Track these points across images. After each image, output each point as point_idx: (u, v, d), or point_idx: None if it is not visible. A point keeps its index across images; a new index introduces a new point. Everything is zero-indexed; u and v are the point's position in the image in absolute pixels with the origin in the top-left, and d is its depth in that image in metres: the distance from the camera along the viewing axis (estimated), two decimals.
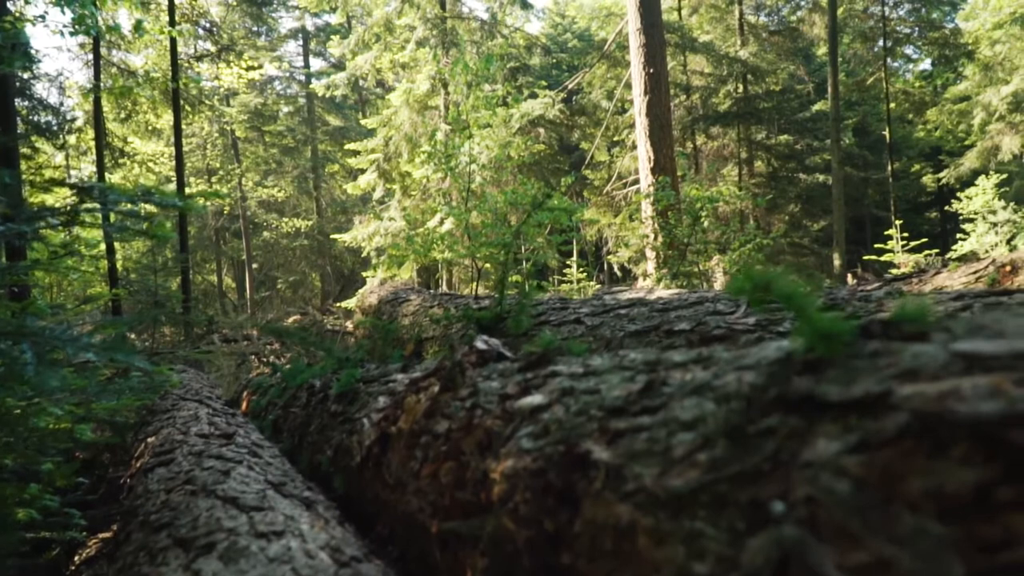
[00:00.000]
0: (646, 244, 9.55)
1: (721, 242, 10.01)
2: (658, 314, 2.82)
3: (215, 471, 2.12)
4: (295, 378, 3.70)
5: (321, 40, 26.83)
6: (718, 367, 0.95)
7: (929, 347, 0.68)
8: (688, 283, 8.10)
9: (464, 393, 1.59)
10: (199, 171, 25.04)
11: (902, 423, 0.60)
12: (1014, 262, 2.67)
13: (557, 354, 1.50)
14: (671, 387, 0.97)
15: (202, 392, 4.66)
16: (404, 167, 16.07)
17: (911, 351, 0.69)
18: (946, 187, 21.16)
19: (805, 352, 0.77)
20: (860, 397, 0.66)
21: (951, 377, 0.61)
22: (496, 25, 18.12)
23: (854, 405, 0.66)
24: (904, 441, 0.59)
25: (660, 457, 0.85)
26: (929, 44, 20.15)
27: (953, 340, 0.67)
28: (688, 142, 19.77)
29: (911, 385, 0.63)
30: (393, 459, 1.80)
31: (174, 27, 12.93)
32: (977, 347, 0.63)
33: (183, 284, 12.74)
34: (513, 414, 1.30)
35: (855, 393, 0.66)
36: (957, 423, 0.56)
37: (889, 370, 0.67)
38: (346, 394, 2.52)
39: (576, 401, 1.14)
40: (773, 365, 0.83)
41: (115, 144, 17.43)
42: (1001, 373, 0.58)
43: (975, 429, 0.55)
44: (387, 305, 6.13)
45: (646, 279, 10.07)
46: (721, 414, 0.81)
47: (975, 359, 0.62)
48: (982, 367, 0.60)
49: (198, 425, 3.19)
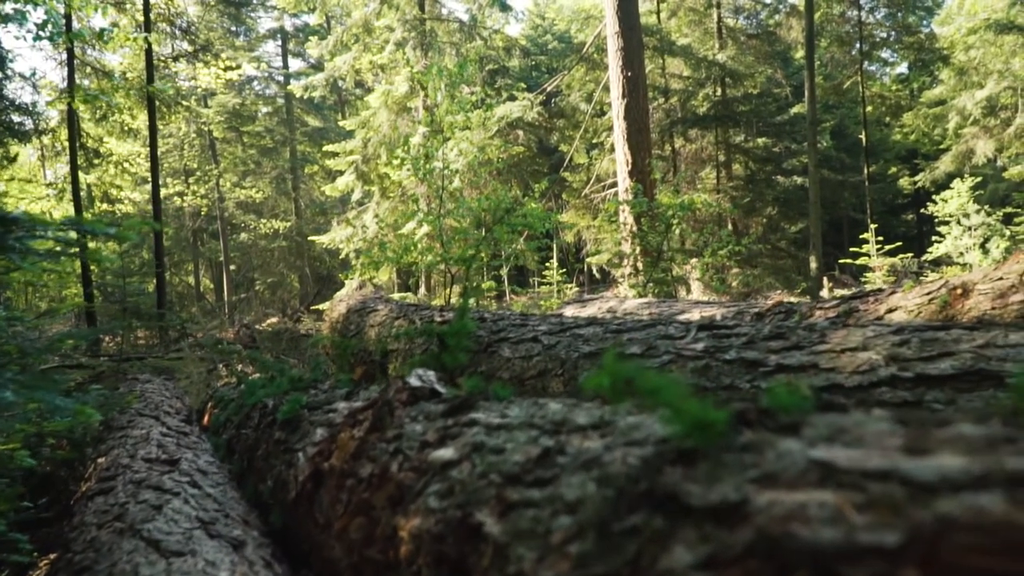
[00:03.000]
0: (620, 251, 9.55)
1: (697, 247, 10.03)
2: (612, 336, 2.80)
3: (148, 506, 2.07)
4: (252, 395, 3.63)
5: (300, 40, 26.64)
6: (613, 438, 0.91)
7: (795, 445, 0.65)
8: (661, 290, 8.09)
9: (391, 435, 1.55)
10: (176, 172, 24.79)
11: (750, 541, 0.57)
12: (965, 284, 2.67)
13: (481, 398, 1.47)
14: (566, 457, 0.94)
15: (162, 406, 4.59)
16: (383, 169, 15.98)
17: (778, 449, 0.66)
18: (922, 190, 21.34)
19: (681, 438, 0.74)
20: (718, 504, 0.63)
21: (805, 487, 0.58)
22: (475, 27, 18.07)
23: (712, 512, 0.63)
24: (750, 561, 0.56)
25: (541, 540, 0.82)
26: (905, 48, 20.31)
27: (813, 444, 0.64)
28: (667, 145, 19.81)
29: (769, 492, 0.60)
30: (325, 498, 1.75)
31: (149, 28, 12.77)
32: (833, 456, 0.60)
33: (158, 287, 12.59)
34: (426, 467, 1.26)
35: (713, 499, 0.63)
36: (798, 549, 0.53)
37: (752, 472, 0.64)
38: (290, 421, 2.47)
39: (482, 461, 1.11)
40: (658, 444, 0.80)
41: (90, 145, 17.20)
42: (849, 492, 0.55)
43: (814, 558, 0.52)
44: (355, 315, 6.07)
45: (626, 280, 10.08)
46: (597, 501, 0.78)
47: (830, 470, 0.59)
48: (834, 481, 0.57)
49: (147, 447, 3.14)
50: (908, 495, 0.51)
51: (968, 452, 0.53)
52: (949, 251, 15.18)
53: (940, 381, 1.60)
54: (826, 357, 1.90)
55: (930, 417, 0.63)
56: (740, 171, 20.89)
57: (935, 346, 1.69)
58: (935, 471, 0.52)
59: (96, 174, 18.49)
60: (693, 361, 2.31)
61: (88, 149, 16.94)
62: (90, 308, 10.44)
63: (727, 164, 20.50)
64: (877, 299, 3.12)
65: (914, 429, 0.60)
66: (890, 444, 0.59)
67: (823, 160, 20.66)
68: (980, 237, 14.89)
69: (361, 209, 17.42)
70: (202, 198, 23.77)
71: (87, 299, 10.81)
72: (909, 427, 0.61)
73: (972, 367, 1.56)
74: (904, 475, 0.53)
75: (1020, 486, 0.48)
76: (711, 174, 20.40)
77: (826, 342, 1.97)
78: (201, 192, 23.66)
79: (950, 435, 0.57)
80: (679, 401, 0.74)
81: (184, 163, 24.54)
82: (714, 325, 2.44)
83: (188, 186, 23.68)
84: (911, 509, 0.50)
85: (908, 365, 1.69)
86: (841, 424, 0.65)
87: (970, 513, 0.47)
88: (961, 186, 15.10)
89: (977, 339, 1.64)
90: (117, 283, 9.65)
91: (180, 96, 19.30)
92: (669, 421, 0.76)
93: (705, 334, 2.40)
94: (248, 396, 3.70)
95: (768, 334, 2.18)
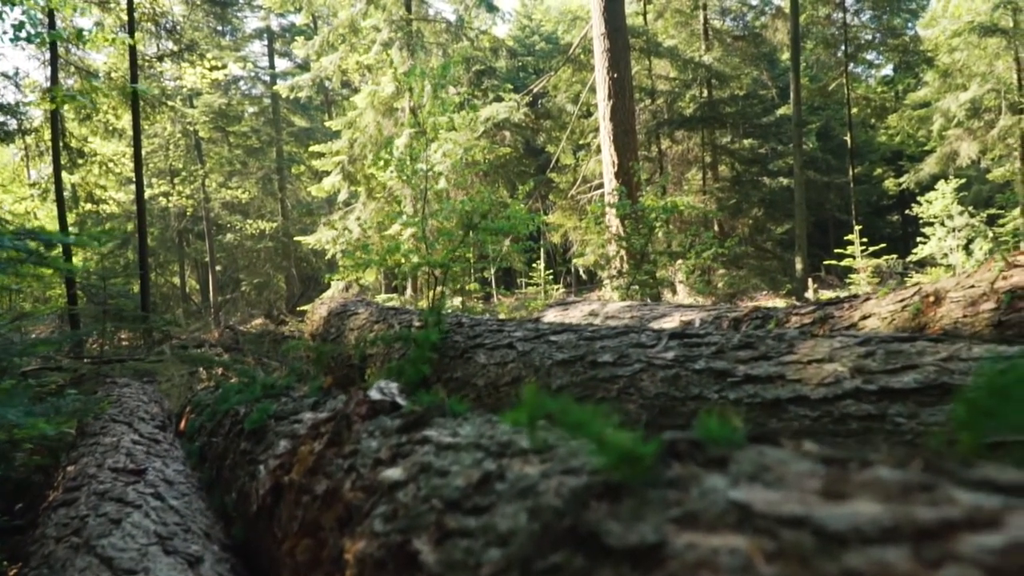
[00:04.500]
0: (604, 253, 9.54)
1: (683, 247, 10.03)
2: (585, 343, 2.78)
3: (107, 520, 2.03)
4: (225, 401, 3.59)
5: (287, 40, 26.52)
6: (552, 464, 0.89)
7: (720, 482, 0.63)
8: (644, 292, 8.09)
9: (347, 450, 1.52)
10: (162, 172, 24.61)
11: None
12: (937, 292, 2.66)
13: (437, 414, 1.44)
14: (505, 483, 0.92)
15: (136, 412, 4.53)
16: (369, 169, 15.92)
17: (702, 486, 0.63)
18: (907, 191, 21.44)
19: (609, 471, 0.72)
20: (636, 545, 0.60)
21: (723, 531, 0.56)
22: (462, 28, 18.03)
23: (630, 554, 0.60)
24: None
25: (471, 574, 0.79)
26: (890, 50, 20.43)
27: (737, 482, 0.62)
28: (653, 146, 19.83)
29: (687, 534, 0.58)
30: (284, 513, 1.72)
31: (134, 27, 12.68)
32: (752, 498, 0.58)
33: (142, 289, 12.48)
34: (376, 487, 1.23)
35: (632, 540, 0.61)
36: None
37: (674, 510, 0.62)
38: (257, 431, 2.43)
39: (427, 483, 1.09)
40: (591, 475, 0.77)
41: (74, 145, 17.03)
42: (762, 538, 0.53)
43: None
44: (335, 318, 6.03)
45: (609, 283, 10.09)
46: (525, 535, 0.75)
47: (747, 513, 0.57)
48: (751, 525, 0.55)
49: (115, 456, 3.09)
50: (818, 545, 0.49)
51: (883, 499, 0.51)
52: (933, 252, 15.25)
53: (903, 395, 1.59)
54: (793, 368, 1.88)
55: (854, 455, 0.61)
56: (726, 172, 20.94)
57: (899, 359, 1.68)
58: (847, 520, 0.50)
59: (80, 174, 18.32)
60: (663, 370, 2.29)
61: (72, 149, 16.79)
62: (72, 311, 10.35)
63: (713, 165, 20.55)
64: (852, 305, 3.11)
65: (835, 470, 0.58)
66: (809, 486, 0.57)
67: (809, 161, 20.75)
68: (964, 238, 14.97)
69: (348, 210, 17.36)
70: (187, 198, 23.61)
71: (70, 301, 10.72)
72: (831, 467, 0.59)
73: (935, 381, 1.55)
74: (817, 524, 0.51)
75: (928, 540, 0.46)
76: (697, 175, 20.44)
77: (793, 353, 1.95)
78: (187, 192, 23.50)
79: (868, 479, 0.55)
80: (605, 435, 0.72)
81: (169, 163, 24.36)
82: (685, 334, 2.42)
83: (173, 186, 23.52)
84: (819, 561, 0.48)
85: (873, 378, 1.67)
86: (765, 461, 0.63)
87: (875, 569, 0.45)
88: (945, 188, 15.18)
89: (941, 352, 1.63)
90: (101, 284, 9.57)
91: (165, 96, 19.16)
92: (595, 455, 0.74)
93: (676, 343, 2.38)
94: (221, 402, 3.66)
95: (737, 343, 2.16)
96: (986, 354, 1.56)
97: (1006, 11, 17.38)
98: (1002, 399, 0.73)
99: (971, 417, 0.72)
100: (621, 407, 2.40)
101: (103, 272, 10.37)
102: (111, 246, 26.29)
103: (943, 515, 0.48)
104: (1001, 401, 0.73)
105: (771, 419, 1.85)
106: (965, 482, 0.52)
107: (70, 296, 10.79)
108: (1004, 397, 0.73)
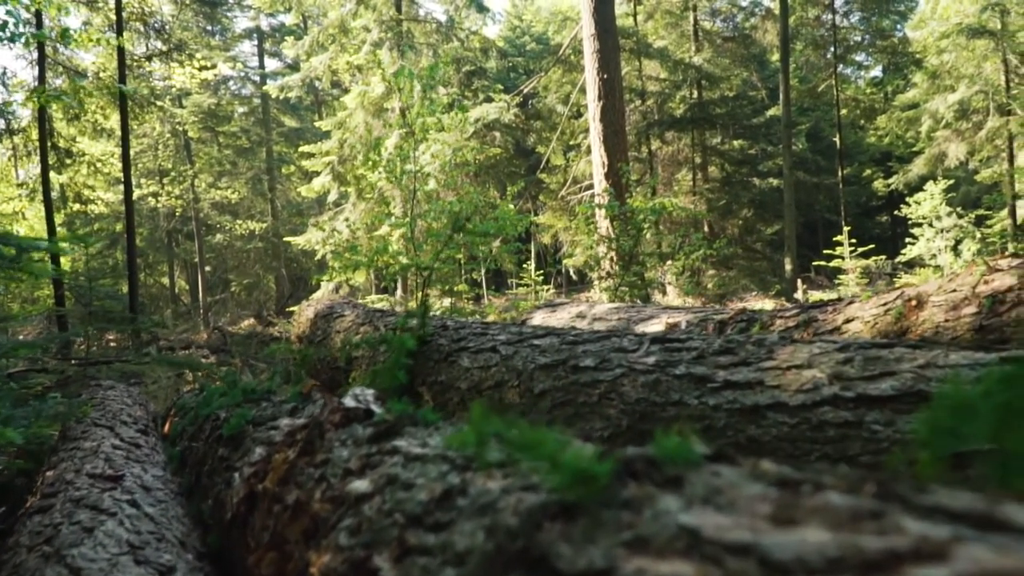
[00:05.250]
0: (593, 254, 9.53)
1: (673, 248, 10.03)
2: (567, 347, 2.76)
3: (80, 528, 2.00)
4: (207, 405, 3.55)
5: (277, 40, 26.42)
6: (514, 479, 0.87)
7: (673, 504, 0.61)
8: (633, 294, 8.08)
9: (319, 459, 1.50)
10: (151, 172, 24.48)
11: None
12: (920, 296, 2.66)
13: (409, 423, 1.42)
14: (467, 498, 0.90)
15: (120, 415, 4.49)
16: (359, 170, 15.88)
17: (656, 508, 0.62)
18: (896, 192, 21.54)
19: (563, 491, 0.70)
20: (584, 570, 0.59)
21: (671, 556, 0.55)
22: (453, 28, 18.01)
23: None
24: None
25: None
26: (879, 52, 20.52)
27: (690, 505, 0.60)
28: (643, 147, 19.85)
29: (637, 559, 0.57)
30: (257, 523, 1.70)
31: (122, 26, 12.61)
32: (702, 522, 0.56)
33: (131, 290, 12.41)
34: (343, 498, 1.21)
35: (580, 565, 0.59)
36: None
37: (626, 533, 0.60)
38: (235, 437, 2.41)
39: (392, 496, 1.07)
40: (550, 492, 0.76)
41: (62, 145, 16.90)
42: (709, 566, 0.51)
43: None
44: (322, 320, 5.99)
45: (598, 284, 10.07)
46: (480, 556, 0.73)
47: (696, 538, 0.55)
48: (699, 552, 0.54)
49: (94, 461, 3.06)
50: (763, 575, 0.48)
51: (832, 527, 0.50)
52: (922, 253, 15.30)
53: (880, 402, 1.58)
54: (772, 374, 1.87)
55: (808, 477, 0.59)
56: (716, 173, 20.99)
57: (877, 365, 1.67)
58: (793, 550, 0.48)
59: (68, 174, 18.21)
60: (644, 375, 2.28)
61: (60, 149, 16.67)
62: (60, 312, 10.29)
63: (703, 166, 20.59)
64: (835, 309, 3.11)
65: (787, 494, 0.56)
66: (760, 511, 0.55)
67: (798, 162, 20.81)
68: (952, 239, 15.02)
69: (337, 210, 17.32)
70: (177, 199, 23.49)
71: (58, 302, 10.66)
72: (784, 490, 0.58)
73: (912, 388, 1.54)
74: (763, 552, 0.49)
75: (873, 572, 0.44)
76: (687, 176, 20.47)
77: (773, 358, 1.94)
78: (176, 193, 23.38)
79: (819, 504, 0.53)
80: (558, 455, 0.70)
81: (159, 163, 24.22)
82: (666, 338, 2.41)
83: (163, 186, 23.40)
84: None
85: (850, 384, 1.66)
86: (718, 483, 0.62)
87: None
88: (934, 188, 15.24)
89: (919, 358, 1.62)
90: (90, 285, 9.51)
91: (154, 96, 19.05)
92: (549, 476, 0.72)
93: (657, 347, 2.37)
94: (204, 406, 3.62)
95: (718, 349, 2.15)
96: (963, 361, 1.55)
97: (994, 13, 17.47)
98: (966, 416, 0.71)
99: (932, 435, 0.71)
100: (602, 412, 2.39)
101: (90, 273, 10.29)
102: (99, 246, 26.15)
103: (890, 545, 0.46)
104: (965, 418, 0.71)
105: (750, 426, 1.84)
106: (916, 509, 0.50)
107: (57, 297, 10.72)
108: (968, 413, 0.72)
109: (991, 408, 0.74)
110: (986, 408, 0.73)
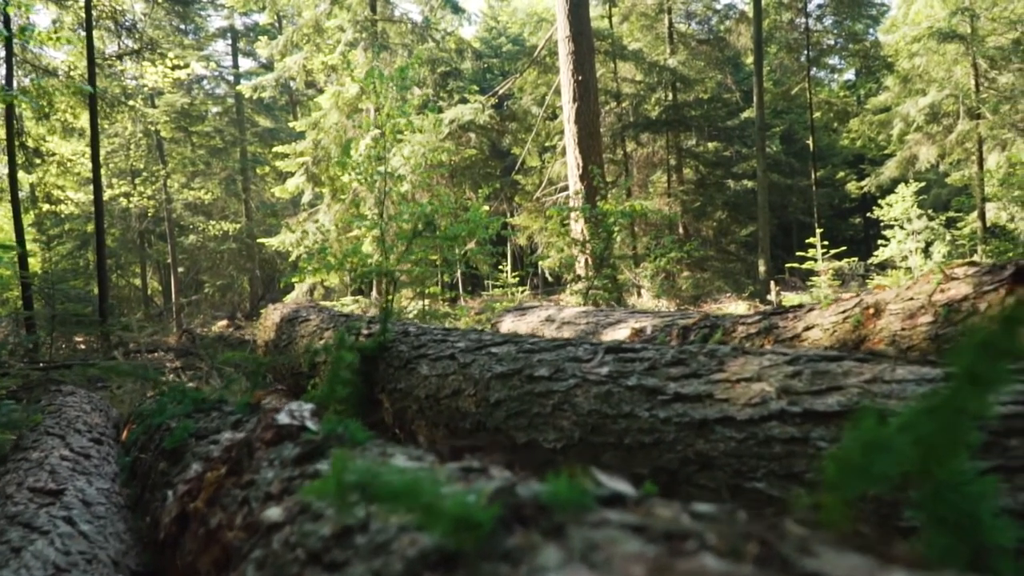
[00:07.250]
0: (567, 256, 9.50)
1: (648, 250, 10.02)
2: (524, 356, 2.71)
3: (8, 549, 1.92)
4: (160, 414, 3.46)
5: (251, 40, 26.16)
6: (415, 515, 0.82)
7: (553, 558, 0.56)
8: (604, 297, 8.06)
9: (246, 480, 1.44)
10: (122, 172, 24.12)
11: None
12: (878, 304, 2.64)
13: (336, 443, 1.36)
14: (366, 536, 0.84)
15: (75, 423, 4.37)
16: (333, 171, 15.75)
17: (534, 563, 0.57)
18: (868, 194, 21.73)
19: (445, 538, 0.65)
20: None
21: None
22: (428, 29, 17.92)
23: None
24: None
25: None
26: (852, 55, 20.69)
27: (568, 560, 0.55)
28: (618, 149, 19.87)
29: None
30: (187, 545, 1.63)
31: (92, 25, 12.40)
32: None
33: (100, 291, 12.20)
34: (257, 526, 1.15)
35: None
36: None
37: None
38: (176, 450, 2.33)
39: (300, 528, 1.01)
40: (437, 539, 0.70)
41: (31, 144, 16.59)
42: None
43: None
44: (287, 324, 5.90)
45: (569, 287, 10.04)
46: None
47: None
48: None
49: (38, 474, 2.96)
50: None
51: None
52: (894, 255, 15.43)
53: (826, 417, 1.54)
54: (721, 387, 1.83)
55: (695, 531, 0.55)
56: (691, 175, 21.06)
57: (825, 379, 1.63)
58: None
59: (38, 174, 17.91)
60: (597, 386, 2.24)
61: (29, 148, 16.36)
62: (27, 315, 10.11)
63: (678, 168, 20.65)
64: (796, 316, 3.09)
65: (664, 555, 0.51)
66: (632, 573, 0.50)
67: (772, 164, 20.92)
68: (923, 241, 15.17)
69: (312, 211, 17.18)
70: (149, 199, 23.16)
71: (25, 304, 10.47)
72: (664, 547, 0.53)
73: (857, 404, 1.51)
74: None
75: None
76: (662, 178, 20.53)
77: (723, 370, 1.90)
78: (148, 193, 23.05)
79: (694, 569, 0.48)
80: (436, 502, 0.65)
81: (130, 163, 23.86)
82: (621, 348, 2.37)
83: (134, 187, 23.05)
84: None
85: (798, 399, 1.63)
86: (598, 539, 0.56)
87: None
88: (905, 191, 15.38)
89: (866, 373, 1.59)
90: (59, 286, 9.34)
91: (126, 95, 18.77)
92: (424, 525, 0.66)
93: (611, 357, 2.33)
94: (157, 415, 3.52)
95: (670, 359, 2.11)
96: (909, 376, 1.52)
97: (964, 17, 17.67)
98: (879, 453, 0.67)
99: (840, 475, 0.66)
100: (555, 423, 2.34)
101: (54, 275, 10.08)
102: (70, 247, 25.75)
103: None
104: (877, 456, 0.67)
105: (699, 440, 1.80)
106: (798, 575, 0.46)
107: (25, 300, 10.54)
108: (881, 451, 0.67)
109: (909, 444, 0.70)
110: (902, 444, 0.69)
